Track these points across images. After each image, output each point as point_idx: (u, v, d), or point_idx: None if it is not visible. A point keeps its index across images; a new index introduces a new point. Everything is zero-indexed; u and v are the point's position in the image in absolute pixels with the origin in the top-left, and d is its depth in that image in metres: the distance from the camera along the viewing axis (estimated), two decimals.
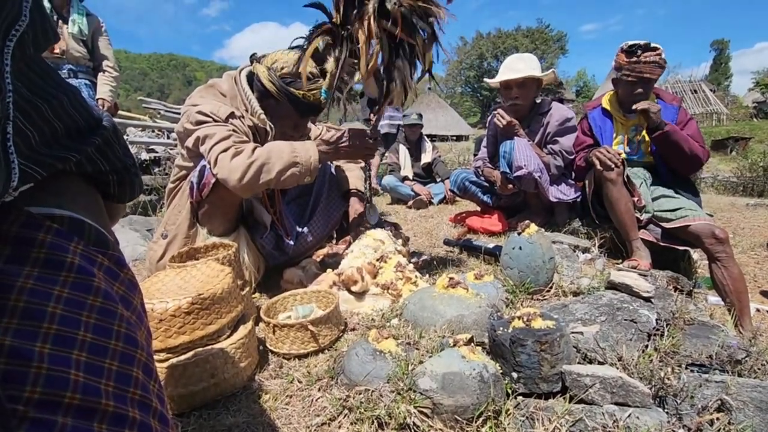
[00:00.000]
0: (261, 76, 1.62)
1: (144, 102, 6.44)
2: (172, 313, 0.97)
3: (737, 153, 15.90)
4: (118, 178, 0.53)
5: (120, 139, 0.52)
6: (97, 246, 0.45)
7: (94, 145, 0.48)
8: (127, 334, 0.41)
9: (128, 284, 0.46)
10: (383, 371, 1.01)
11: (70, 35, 3.03)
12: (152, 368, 0.44)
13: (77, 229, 0.45)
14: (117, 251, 0.47)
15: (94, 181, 0.52)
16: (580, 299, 1.48)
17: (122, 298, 0.44)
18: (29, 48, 0.38)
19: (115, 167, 0.52)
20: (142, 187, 0.59)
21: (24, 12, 0.36)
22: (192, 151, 1.61)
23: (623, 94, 2.26)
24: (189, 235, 1.70)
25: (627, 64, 2.15)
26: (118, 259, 0.46)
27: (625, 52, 2.16)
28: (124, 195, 0.56)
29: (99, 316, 0.40)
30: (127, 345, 0.41)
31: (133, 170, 0.55)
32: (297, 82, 1.60)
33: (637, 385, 0.93)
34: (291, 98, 1.62)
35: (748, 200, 5.81)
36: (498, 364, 1.04)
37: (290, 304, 1.42)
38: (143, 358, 0.42)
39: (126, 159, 0.53)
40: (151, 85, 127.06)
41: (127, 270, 0.47)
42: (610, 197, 2.08)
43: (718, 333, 1.34)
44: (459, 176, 2.98)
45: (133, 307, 0.45)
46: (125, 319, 0.42)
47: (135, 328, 0.43)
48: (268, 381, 1.11)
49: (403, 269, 1.57)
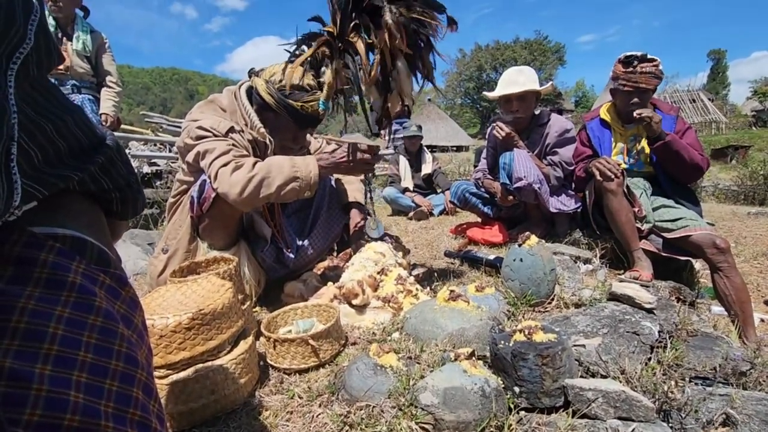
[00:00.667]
0: (259, 89, 1.65)
1: (146, 116, 6.50)
2: (172, 329, 0.97)
3: (737, 161, 15.92)
4: (121, 195, 0.53)
5: (123, 156, 0.53)
6: (98, 264, 0.45)
7: (97, 163, 0.49)
8: (127, 354, 0.41)
9: (129, 303, 0.46)
10: (384, 386, 1.01)
11: (74, 52, 3.08)
12: (152, 388, 0.44)
13: (79, 248, 0.45)
14: (119, 269, 0.47)
15: (97, 199, 0.52)
16: (582, 311, 1.47)
17: (123, 317, 0.44)
18: (33, 69, 0.39)
19: (118, 185, 0.52)
20: (144, 203, 0.60)
21: (29, 35, 0.37)
22: (192, 166, 1.63)
23: (620, 104, 2.28)
24: (190, 249, 1.70)
25: (624, 74, 2.17)
26: (120, 277, 0.47)
27: (622, 63, 2.18)
28: (126, 212, 0.57)
29: (100, 336, 0.40)
30: (128, 365, 0.41)
31: (136, 187, 0.56)
32: (295, 94, 1.62)
33: (640, 399, 0.92)
34: (289, 110, 1.64)
35: (749, 209, 5.80)
36: (500, 378, 1.03)
37: (291, 318, 1.41)
38: (143, 378, 0.42)
39: (129, 176, 0.53)
40: (153, 99, 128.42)
41: (128, 288, 0.47)
42: (611, 208, 2.08)
43: (722, 344, 1.33)
44: (459, 188, 2.99)
45: (134, 326, 0.45)
46: (126, 339, 0.42)
47: (136, 348, 0.43)
48: (268, 397, 1.10)
49: (403, 282, 1.57)
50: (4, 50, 0.35)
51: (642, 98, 2.17)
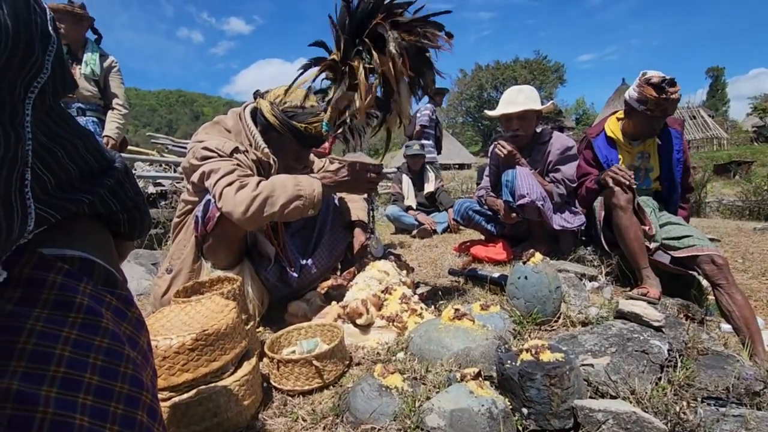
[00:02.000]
0: (264, 111, 1.68)
1: (152, 137, 6.60)
2: (176, 350, 0.96)
3: (740, 177, 15.89)
4: (128, 216, 0.54)
5: (131, 179, 0.54)
6: (106, 285, 0.46)
7: (106, 186, 0.50)
8: (133, 376, 0.41)
9: (135, 323, 0.46)
10: (389, 408, 0.99)
11: (82, 75, 3.15)
12: (157, 410, 0.43)
13: (87, 269, 0.46)
14: (125, 290, 0.48)
15: (105, 220, 0.53)
16: (589, 329, 1.45)
17: (129, 338, 0.44)
18: (49, 98, 0.41)
19: (126, 206, 0.53)
20: (150, 224, 0.61)
21: (46, 65, 0.38)
22: (197, 186, 1.65)
23: (639, 127, 2.20)
24: (194, 269, 1.71)
25: (655, 99, 2.03)
26: (126, 298, 0.47)
27: (654, 87, 2.04)
28: (133, 233, 0.57)
29: (106, 358, 0.40)
30: (133, 387, 0.41)
31: (143, 208, 0.56)
32: (299, 115, 1.65)
33: (652, 421, 0.90)
34: (293, 131, 1.66)
35: (755, 224, 5.76)
36: (507, 399, 1.01)
37: (294, 339, 1.40)
38: (148, 400, 0.42)
39: (136, 198, 0.54)
40: (159, 121, 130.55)
41: (134, 309, 0.47)
42: (620, 224, 2.07)
43: (733, 363, 1.31)
44: (462, 205, 2.99)
45: (139, 347, 0.45)
46: (131, 360, 0.42)
47: (141, 369, 0.43)
48: (271, 419, 1.08)
49: (408, 301, 1.56)
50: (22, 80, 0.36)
51: (662, 123, 2.16)
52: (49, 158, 0.42)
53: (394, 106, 1.52)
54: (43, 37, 0.37)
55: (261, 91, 1.79)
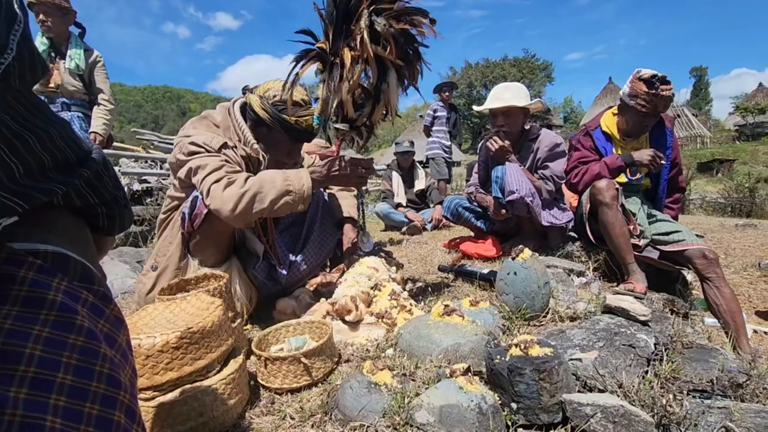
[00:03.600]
0: (254, 105, 1.65)
1: (138, 133, 6.48)
2: (159, 349, 0.94)
3: (723, 175, 16.25)
4: (107, 210, 0.52)
5: (110, 171, 0.52)
6: (82, 282, 0.44)
7: (83, 177, 0.48)
8: (110, 375, 0.40)
9: (113, 321, 0.45)
10: (378, 405, 0.98)
11: (67, 70, 3.07)
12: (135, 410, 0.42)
13: (61, 264, 0.44)
14: (103, 286, 0.46)
15: (82, 214, 0.51)
16: (578, 324, 1.46)
17: (107, 336, 0.42)
18: (15, 81, 0.38)
19: (105, 200, 0.51)
20: (131, 219, 0.59)
21: (10, 45, 0.36)
22: (184, 182, 1.61)
23: (631, 122, 2.21)
24: (180, 266, 1.67)
25: (645, 94, 2.06)
26: (104, 294, 0.45)
27: (645, 82, 2.07)
28: (113, 228, 0.55)
29: (80, 357, 0.38)
30: (110, 387, 0.39)
31: (123, 202, 0.54)
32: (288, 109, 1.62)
33: (639, 414, 0.90)
34: (283, 125, 1.64)
35: (737, 221, 5.89)
36: (496, 394, 1.01)
37: (282, 336, 1.38)
38: (126, 400, 0.40)
39: (116, 191, 0.52)
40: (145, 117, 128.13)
41: (113, 306, 0.45)
42: (606, 221, 2.09)
43: (717, 356, 1.33)
44: (452, 202, 2.99)
45: (117, 345, 0.44)
46: (109, 359, 0.40)
47: (119, 368, 0.41)
48: (258, 418, 1.06)
49: (397, 297, 1.55)
50: None
51: (654, 120, 2.17)
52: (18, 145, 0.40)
53: (383, 96, 1.51)
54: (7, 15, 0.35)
55: (250, 86, 1.76)
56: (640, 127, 2.20)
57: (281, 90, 1.61)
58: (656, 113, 2.12)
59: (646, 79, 2.06)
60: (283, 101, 1.62)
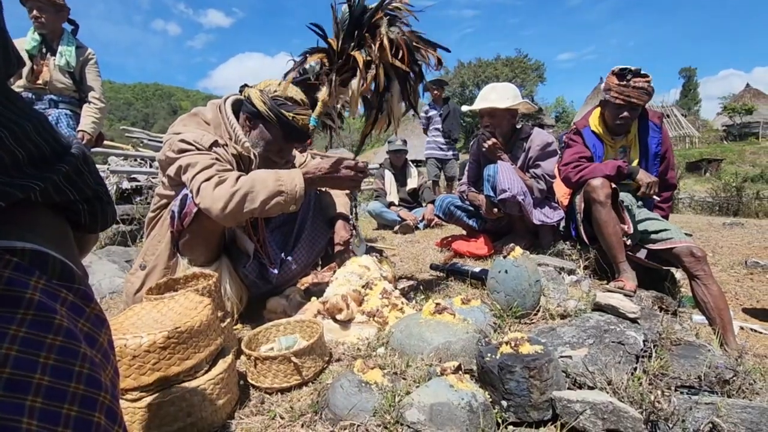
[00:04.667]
0: (253, 97, 1.64)
1: (127, 131, 6.40)
2: (146, 349, 0.92)
3: (711, 174, 16.49)
4: (89, 207, 0.51)
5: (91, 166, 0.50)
6: (61, 280, 0.42)
7: (61, 173, 0.46)
8: (89, 376, 0.38)
9: (94, 320, 0.43)
10: (369, 404, 0.98)
11: (56, 67, 3.01)
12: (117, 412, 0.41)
13: (40, 262, 0.43)
14: (84, 285, 0.44)
15: (63, 211, 0.50)
16: (568, 322, 1.47)
17: (87, 336, 0.41)
18: None
19: (86, 196, 0.50)
20: (115, 216, 0.57)
21: None
22: (173, 180, 1.59)
23: (609, 116, 2.27)
24: (169, 265, 1.65)
25: (617, 86, 2.16)
26: (85, 293, 0.44)
27: (616, 75, 2.17)
28: (95, 225, 0.54)
29: (59, 357, 0.37)
30: (89, 387, 0.38)
31: (105, 199, 0.53)
32: (288, 105, 1.62)
33: (628, 410, 0.91)
34: (280, 119, 1.63)
35: (724, 219, 5.98)
36: (487, 392, 1.01)
37: (273, 335, 1.37)
38: (107, 401, 0.39)
39: (97, 188, 0.51)
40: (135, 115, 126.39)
41: (94, 305, 0.44)
42: (599, 219, 2.10)
43: (705, 353, 1.35)
44: (444, 201, 3.00)
45: (98, 345, 0.42)
46: (88, 359, 0.39)
47: (99, 369, 0.40)
48: (248, 418, 1.05)
49: (389, 296, 1.55)
50: None
51: (632, 113, 2.19)
52: None
53: (386, 105, 1.55)
54: None
55: (249, 84, 1.75)
56: (617, 120, 2.23)
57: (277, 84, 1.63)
58: (631, 105, 2.16)
59: (617, 72, 2.17)
60: (283, 96, 1.62)
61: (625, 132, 2.30)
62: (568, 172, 2.30)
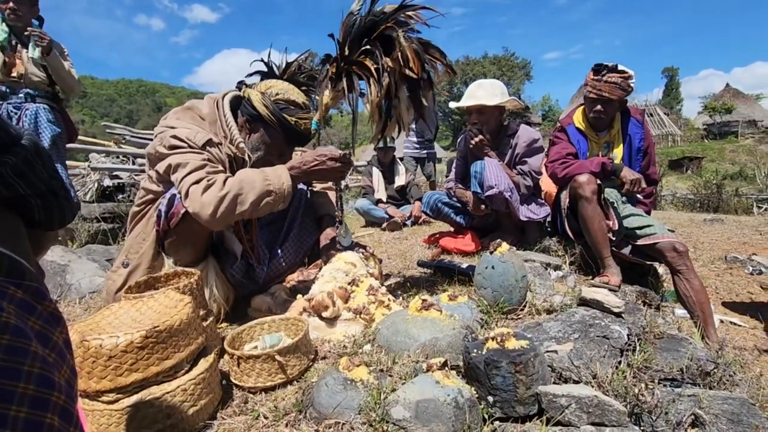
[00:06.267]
0: (254, 100, 1.60)
1: (108, 127, 6.25)
2: (123, 349, 0.89)
3: (692, 172, 16.86)
4: (42, 202, 0.48)
5: (44, 159, 0.48)
6: (9, 277, 0.40)
7: (8, 165, 0.44)
8: (41, 375, 0.36)
9: (47, 318, 0.41)
10: (354, 402, 0.96)
11: (30, 59, 2.93)
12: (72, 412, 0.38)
13: None
14: (37, 282, 0.42)
15: (14, 207, 0.47)
16: (554, 317, 1.48)
17: (39, 334, 0.39)
18: None
19: (38, 190, 0.47)
20: (74, 212, 0.55)
21: None
22: (162, 177, 1.54)
23: (587, 110, 2.34)
24: (153, 265, 1.60)
25: (591, 81, 2.24)
26: (37, 290, 0.41)
27: (592, 70, 2.26)
28: (52, 221, 0.51)
29: (5, 356, 0.35)
30: (41, 387, 0.36)
31: (62, 194, 0.50)
32: (290, 109, 1.60)
33: (612, 404, 0.91)
34: (282, 123, 1.60)
35: (705, 216, 6.11)
36: (473, 388, 1.01)
37: (257, 334, 1.35)
38: (61, 402, 0.37)
39: (52, 181, 0.48)
40: (119, 111, 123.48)
41: (47, 303, 0.42)
42: (584, 215, 2.12)
43: (687, 346, 1.36)
44: (431, 198, 2.99)
45: (52, 344, 0.40)
46: (40, 358, 0.37)
47: (53, 368, 0.38)
48: (230, 418, 1.03)
49: (375, 292, 1.53)
50: None
51: (606, 107, 2.23)
52: None
53: (394, 111, 1.58)
54: None
55: (247, 82, 1.71)
56: (591, 114, 2.28)
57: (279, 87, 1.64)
58: (603, 99, 2.21)
59: (594, 68, 2.26)
60: (286, 100, 1.61)
61: (604, 127, 2.34)
62: (554, 168, 2.33)
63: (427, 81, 1.60)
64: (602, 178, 2.18)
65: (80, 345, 0.88)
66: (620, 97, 2.22)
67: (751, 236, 4.44)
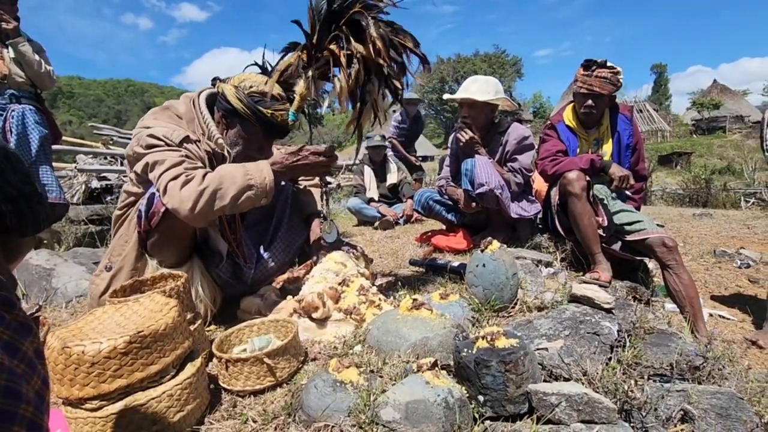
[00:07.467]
0: (228, 94, 1.57)
1: (95, 128, 6.15)
2: (106, 355, 0.87)
3: (682, 167, 17.04)
4: (14, 208, 0.46)
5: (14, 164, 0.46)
6: None
7: None
8: (7, 387, 0.35)
9: (17, 328, 0.39)
10: (344, 404, 0.95)
11: (12, 60, 2.88)
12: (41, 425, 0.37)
13: None
14: (6, 291, 0.40)
15: None
16: (544, 314, 1.48)
17: (7, 345, 0.37)
18: None
19: (9, 196, 0.45)
20: (48, 218, 0.53)
21: None
22: (141, 177, 1.52)
23: (577, 106, 2.35)
24: (137, 267, 1.58)
25: (581, 76, 2.26)
26: (6, 299, 0.40)
27: (582, 66, 2.28)
28: (25, 227, 0.49)
29: None
30: (7, 399, 0.34)
31: (36, 199, 0.48)
32: (265, 101, 1.57)
33: (602, 401, 0.91)
34: (258, 116, 1.57)
35: (694, 210, 6.18)
36: (464, 387, 1.00)
37: (246, 336, 1.33)
38: (29, 414, 0.35)
39: (23, 186, 0.47)
40: (107, 112, 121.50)
41: (17, 312, 0.40)
42: (574, 211, 2.13)
43: (677, 340, 1.37)
44: (423, 195, 2.99)
45: (21, 355, 0.38)
46: (6, 369, 0.35)
47: (21, 379, 0.36)
48: (218, 423, 1.01)
49: (366, 292, 1.52)
50: None
51: (596, 102, 2.24)
52: None
53: (369, 98, 1.53)
54: None
55: (221, 77, 1.68)
56: (582, 109, 2.29)
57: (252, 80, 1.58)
58: (594, 94, 2.22)
59: (584, 63, 2.28)
60: (260, 92, 1.57)
61: (594, 123, 2.35)
62: (544, 165, 2.34)
63: (401, 65, 1.55)
64: (591, 175, 2.19)
65: (62, 351, 0.86)
66: (610, 92, 2.23)
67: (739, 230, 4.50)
